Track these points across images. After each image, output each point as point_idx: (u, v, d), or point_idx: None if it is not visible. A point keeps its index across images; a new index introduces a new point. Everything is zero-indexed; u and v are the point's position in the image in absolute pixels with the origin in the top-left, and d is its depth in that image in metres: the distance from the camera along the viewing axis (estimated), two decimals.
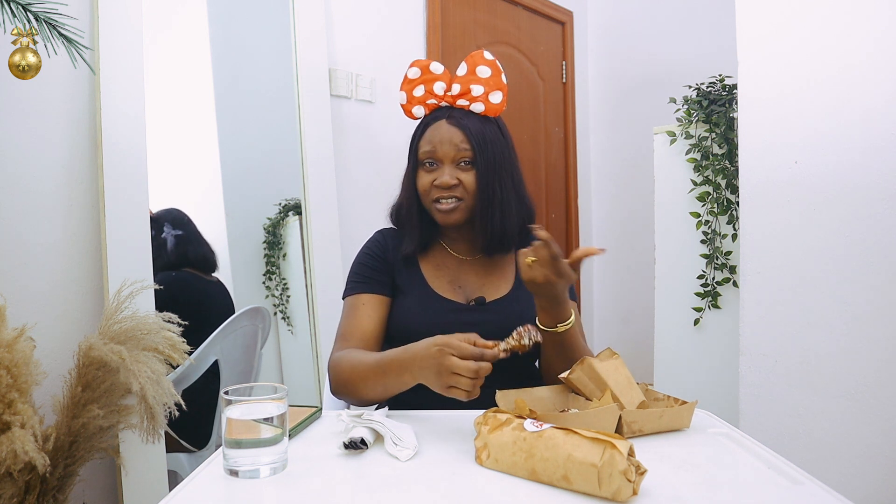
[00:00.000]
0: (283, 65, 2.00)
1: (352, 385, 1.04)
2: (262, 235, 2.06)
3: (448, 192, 1.12)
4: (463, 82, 1.13)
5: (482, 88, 1.12)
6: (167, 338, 1.31)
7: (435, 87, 1.15)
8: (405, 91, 1.18)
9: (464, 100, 1.13)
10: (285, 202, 2.06)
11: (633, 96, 3.14)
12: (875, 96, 1.40)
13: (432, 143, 1.13)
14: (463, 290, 1.17)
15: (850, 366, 1.43)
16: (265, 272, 2.07)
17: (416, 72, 1.16)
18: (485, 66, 1.13)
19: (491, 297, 1.16)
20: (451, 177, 1.11)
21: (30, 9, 1.05)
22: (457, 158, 1.12)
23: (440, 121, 1.14)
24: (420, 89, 1.16)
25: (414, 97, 1.17)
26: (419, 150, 1.15)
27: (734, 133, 1.81)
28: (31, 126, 1.41)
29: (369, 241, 1.24)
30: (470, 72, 1.13)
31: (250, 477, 0.73)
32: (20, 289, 1.37)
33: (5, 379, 1.08)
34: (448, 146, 1.11)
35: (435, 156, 1.13)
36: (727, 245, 1.89)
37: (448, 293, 1.16)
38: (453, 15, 2.57)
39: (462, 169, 1.12)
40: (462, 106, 1.14)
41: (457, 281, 1.18)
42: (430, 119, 1.16)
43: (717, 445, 0.84)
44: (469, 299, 1.16)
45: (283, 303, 2.06)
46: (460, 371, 0.85)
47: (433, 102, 1.16)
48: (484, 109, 1.14)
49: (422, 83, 1.15)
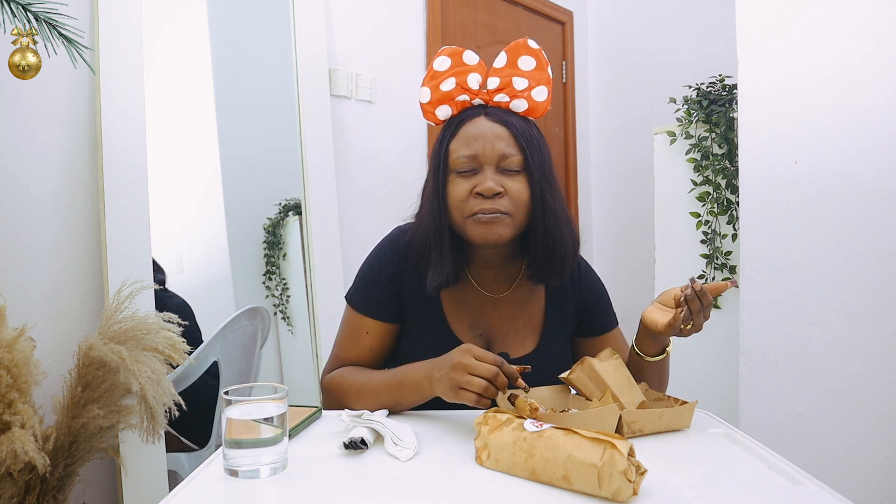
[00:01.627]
0: (283, 65, 1.99)
1: (357, 404, 0.96)
2: (262, 235, 2.06)
3: (491, 202, 0.91)
4: (503, 75, 0.96)
5: (526, 82, 0.95)
6: (167, 338, 1.31)
7: (469, 80, 0.96)
8: (429, 86, 0.97)
9: (503, 95, 0.96)
10: (285, 202, 2.06)
11: (633, 96, 3.14)
12: (875, 96, 1.40)
13: (470, 144, 0.93)
14: (483, 337, 1.02)
15: (850, 365, 1.43)
16: (265, 272, 2.07)
17: (444, 61, 0.96)
18: (529, 56, 0.95)
19: (515, 354, 1.02)
20: (496, 183, 0.92)
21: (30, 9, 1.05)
22: (501, 162, 0.93)
23: (478, 117, 0.95)
24: (450, 82, 0.96)
25: (441, 92, 0.96)
26: (451, 155, 0.94)
27: (734, 133, 1.81)
28: (31, 126, 1.41)
29: (389, 247, 1.04)
30: (510, 63, 0.96)
31: (250, 477, 0.73)
32: (20, 289, 1.37)
33: (5, 379, 1.08)
34: (491, 147, 0.92)
35: (475, 158, 0.93)
36: (727, 245, 1.89)
37: (466, 336, 1.01)
38: (453, 15, 2.58)
39: (507, 175, 0.93)
40: (500, 103, 0.96)
41: (478, 325, 1.02)
42: (464, 117, 0.96)
43: (717, 445, 0.84)
44: (489, 348, 1.01)
45: (283, 303, 2.06)
46: (476, 371, 0.82)
47: (464, 100, 0.97)
48: (527, 108, 0.96)
49: (452, 75, 0.96)
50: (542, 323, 1.04)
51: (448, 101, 0.97)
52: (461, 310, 1.02)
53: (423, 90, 0.98)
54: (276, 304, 2.07)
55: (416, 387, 0.92)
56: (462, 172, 0.94)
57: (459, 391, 0.84)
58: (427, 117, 1.00)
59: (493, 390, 0.83)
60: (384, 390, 0.95)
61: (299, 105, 1.97)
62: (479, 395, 0.83)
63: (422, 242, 0.98)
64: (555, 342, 1.04)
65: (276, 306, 2.07)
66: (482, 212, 0.92)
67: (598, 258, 3.28)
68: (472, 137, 0.93)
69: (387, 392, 0.95)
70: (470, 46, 1.01)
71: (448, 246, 0.96)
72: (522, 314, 1.04)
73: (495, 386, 0.83)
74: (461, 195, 0.93)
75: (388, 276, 1.02)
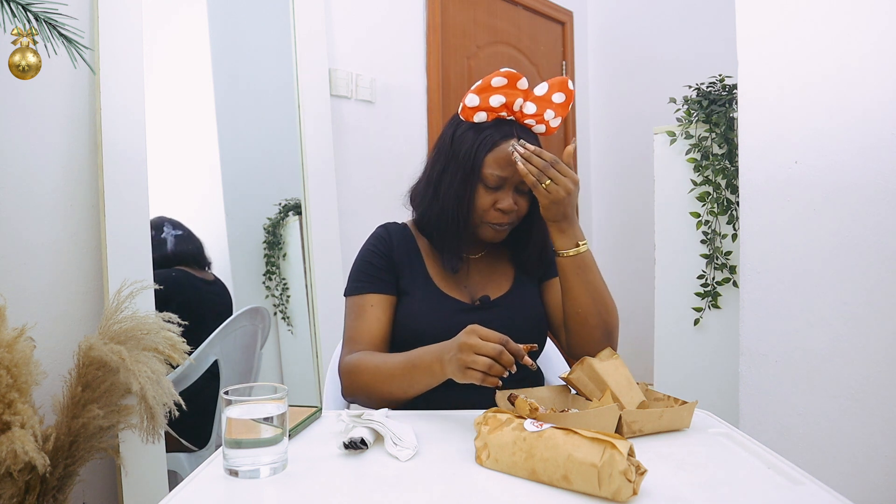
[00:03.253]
0: (283, 65, 2.00)
1: (373, 386, 1.03)
2: (262, 235, 2.06)
3: (506, 216, 1.11)
4: (539, 104, 1.10)
5: (553, 114, 1.11)
6: (167, 338, 1.31)
7: (515, 104, 1.10)
8: (480, 96, 1.09)
9: (532, 120, 1.11)
10: (285, 202, 2.06)
11: (633, 96, 3.14)
12: (875, 96, 1.40)
13: (504, 168, 1.08)
14: (468, 289, 1.17)
15: (850, 366, 1.43)
16: (265, 272, 2.07)
17: (501, 81, 1.08)
18: (563, 93, 1.10)
19: (494, 295, 1.17)
20: (514, 202, 1.10)
21: (30, 9, 1.05)
22: (520, 185, 1.10)
23: (509, 139, 1.09)
24: (499, 99, 1.09)
25: (488, 105, 1.09)
26: (485, 168, 1.09)
27: (734, 133, 1.81)
28: (31, 126, 1.41)
29: (373, 237, 1.21)
30: (547, 96, 1.09)
31: (250, 477, 0.73)
32: (20, 289, 1.37)
33: (5, 379, 1.08)
34: (517, 173, 1.08)
35: (504, 180, 1.09)
36: (727, 245, 1.89)
37: (453, 292, 1.16)
38: (453, 15, 2.58)
39: (520, 194, 1.12)
40: (527, 125, 1.12)
41: (461, 279, 1.18)
42: (499, 137, 1.09)
43: (717, 445, 0.84)
44: (473, 298, 1.16)
45: (283, 303, 2.06)
46: (481, 350, 0.85)
47: (502, 114, 1.11)
48: (544, 132, 1.14)
49: (503, 94, 1.08)
50: (512, 271, 1.22)
51: (487, 110, 1.10)
52: (444, 272, 1.17)
53: (472, 97, 1.09)
54: (276, 304, 2.07)
55: (428, 369, 0.96)
56: (490, 187, 1.10)
57: (466, 371, 0.87)
58: (464, 115, 1.12)
59: (498, 368, 0.86)
60: (399, 373, 1.00)
61: (299, 105, 1.97)
62: (485, 373, 0.86)
63: (441, 224, 1.13)
64: (524, 285, 1.20)
65: (276, 306, 2.07)
66: (498, 223, 1.11)
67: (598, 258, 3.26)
68: (507, 162, 1.08)
69: (401, 375, 0.99)
70: (470, 46, 1.06)
71: (463, 236, 1.13)
72: (496, 268, 1.21)
73: (501, 364, 0.86)
74: (485, 206, 1.11)
75: (378, 256, 1.17)
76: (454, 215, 1.11)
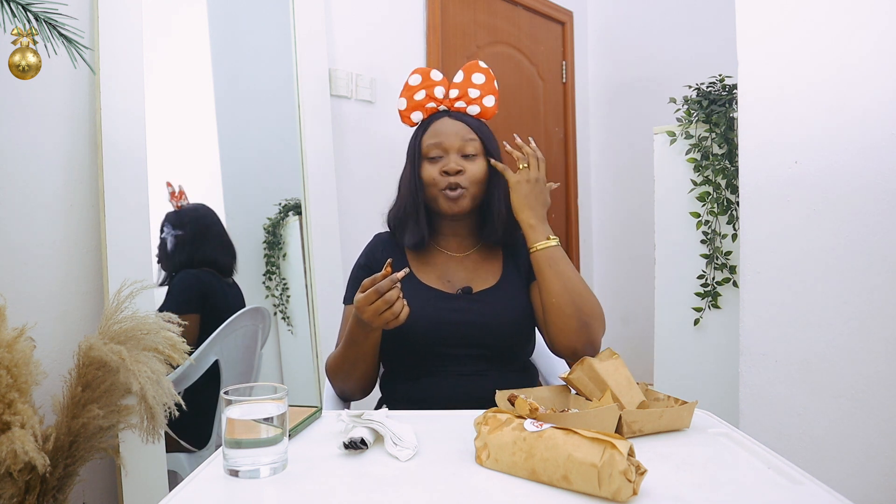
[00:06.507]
0: (283, 65, 1.99)
1: (341, 371, 1.15)
2: (262, 235, 2.06)
3: (455, 178, 1.18)
4: (461, 87, 1.23)
5: (478, 92, 1.23)
6: (167, 338, 1.30)
7: (435, 91, 1.24)
8: (406, 97, 1.26)
9: (461, 102, 1.23)
10: (285, 202, 2.06)
11: (633, 96, 3.14)
12: (875, 96, 1.40)
13: (438, 136, 1.20)
14: (452, 283, 1.22)
15: (850, 366, 1.43)
16: (265, 272, 2.07)
17: (417, 78, 1.25)
18: (480, 73, 1.24)
19: (478, 288, 1.21)
20: (457, 163, 1.18)
21: (30, 9, 1.05)
22: (463, 149, 1.20)
23: (443, 118, 1.23)
24: (421, 94, 1.24)
25: (414, 101, 1.25)
26: (423, 145, 1.22)
27: (734, 133, 1.81)
28: (31, 126, 1.41)
29: (365, 247, 1.31)
30: (466, 79, 1.23)
31: (250, 477, 0.73)
32: (20, 289, 1.37)
33: (5, 379, 1.08)
34: (454, 137, 1.19)
35: (441, 146, 1.19)
36: (727, 245, 1.89)
37: (436, 284, 1.21)
38: (453, 15, 2.58)
39: (467, 159, 1.20)
40: (459, 108, 1.24)
41: (446, 275, 1.23)
42: (433, 118, 1.24)
43: (717, 445, 0.84)
44: (457, 290, 1.20)
45: (283, 303, 2.06)
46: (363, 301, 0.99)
47: (432, 106, 1.25)
48: (479, 112, 1.24)
49: (423, 88, 1.24)
50: (500, 270, 1.26)
51: (420, 108, 1.25)
52: (428, 268, 1.24)
53: (401, 100, 1.26)
54: (276, 304, 2.07)
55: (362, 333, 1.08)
56: (432, 158, 1.21)
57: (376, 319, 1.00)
58: (404, 121, 1.28)
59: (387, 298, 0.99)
60: (345, 350, 1.13)
61: (299, 105, 1.97)
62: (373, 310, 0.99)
63: (400, 215, 1.24)
64: (512, 283, 1.23)
65: (276, 306, 2.07)
66: (449, 187, 1.18)
67: (598, 258, 3.28)
68: (438, 131, 1.21)
69: (346, 348, 1.12)
70: (470, 46, 1.11)
71: (422, 216, 1.22)
72: (483, 265, 1.25)
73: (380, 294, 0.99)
74: (432, 176, 1.20)
75: (362, 268, 1.26)
76: (410, 196, 1.22)
